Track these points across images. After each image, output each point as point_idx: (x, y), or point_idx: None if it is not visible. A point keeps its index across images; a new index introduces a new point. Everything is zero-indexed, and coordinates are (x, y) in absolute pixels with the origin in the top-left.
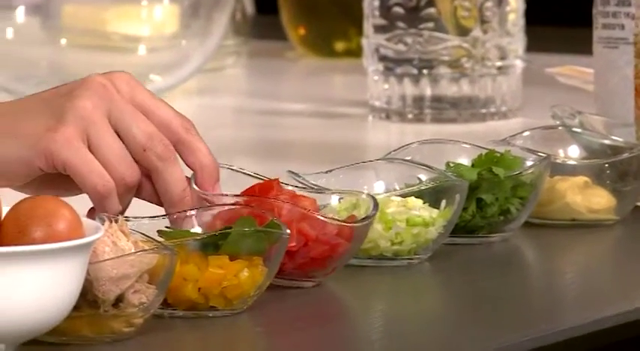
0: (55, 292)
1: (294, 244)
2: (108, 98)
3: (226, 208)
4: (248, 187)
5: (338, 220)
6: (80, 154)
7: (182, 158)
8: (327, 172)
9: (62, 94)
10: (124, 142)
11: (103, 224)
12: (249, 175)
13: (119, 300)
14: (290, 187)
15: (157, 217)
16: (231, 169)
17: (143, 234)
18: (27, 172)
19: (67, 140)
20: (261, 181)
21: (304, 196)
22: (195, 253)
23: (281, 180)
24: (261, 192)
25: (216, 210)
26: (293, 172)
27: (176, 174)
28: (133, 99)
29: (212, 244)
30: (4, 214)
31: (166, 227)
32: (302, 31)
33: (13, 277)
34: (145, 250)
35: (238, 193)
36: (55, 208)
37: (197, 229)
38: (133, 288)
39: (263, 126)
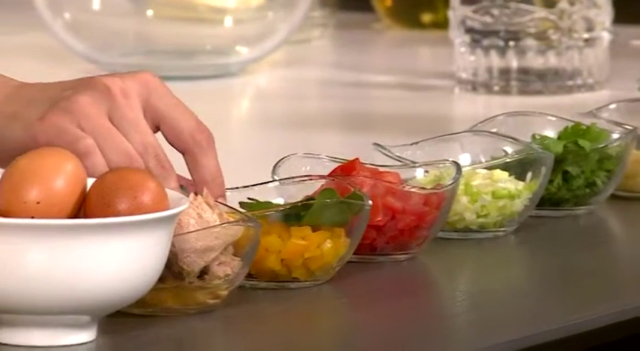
0: (139, 264)
1: (380, 218)
2: (110, 100)
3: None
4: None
5: (422, 188)
6: (65, 138)
7: (188, 170)
8: (412, 145)
9: (66, 88)
10: None
11: (187, 196)
12: (331, 158)
13: (204, 272)
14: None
15: (240, 188)
16: (312, 156)
17: (227, 206)
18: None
19: (51, 125)
20: (342, 163)
21: (387, 172)
22: (277, 224)
23: (366, 153)
24: (344, 173)
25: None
26: (379, 145)
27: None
28: (147, 101)
29: (294, 215)
30: (89, 187)
31: (249, 199)
32: (389, 3)
33: (98, 249)
34: (230, 222)
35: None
36: (140, 180)
37: (279, 201)
38: (217, 260)
39: (349, 98)
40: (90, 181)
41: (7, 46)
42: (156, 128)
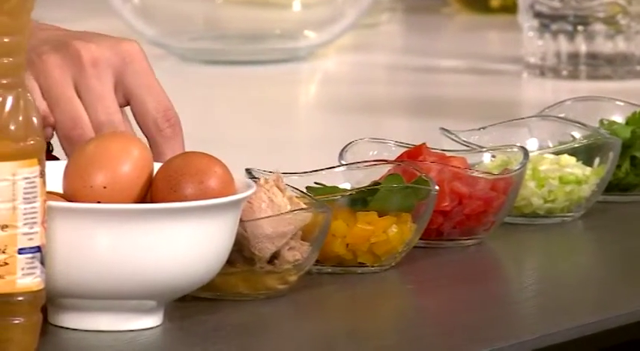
0: (206, 249)
1: (447, 203)
2: (78, 67)
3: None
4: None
5: (489, 173)
6: None
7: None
8: (479, 129)
9: (68, 37)
10: None
11: (258, 180)
12: (398, 143)
13: (274, 257)
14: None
15: (307, 172)
16: (379, 141)
17: (297, 189)
18: None
19: None
20: (409, 148)
21: (454, 157)
22: (343, 209)
23: (433, 137)
24: (410, 158)
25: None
26: (446, 129)
27: None
28: (121, 75)
29: (361, 200)
30: (156, 171)
31: (315, 183)
32: None
33: (164, 234)
34: (302, 209)
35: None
36: (206, 164)
37: (346, 185)
38: (288, 245)
39: (417, 83)
40: (157, 166)
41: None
42: (127, 103)
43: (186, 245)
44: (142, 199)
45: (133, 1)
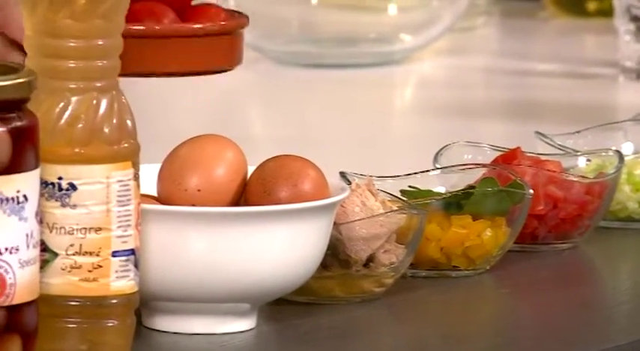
0: (300, 252)
1: (541, 207)
2: None
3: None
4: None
5: (584, 177)
6: None
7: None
8: (575, 133)
9: None
10: None
11: (349, 184)
12: (492, 147)
13: (370, 260)
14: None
15: (402, 176)
16: (474, 145)
17: (389, 193)
18: None
19: None
20: (503, 152)
21: (548, 161)
22: (438, 212)
23: (528, 141)
24: (505, 161)
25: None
26: (541, 133)
27: None
28: None
29: (455, 204)
30: (249, 174)
31: (410, 187)
32: None
33: (258, 237)
34: (396, 211)
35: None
36: (300, 167)
37: (440, 189)
38: (383, 248)
39: (512, 86)
40: (251, 170)
41: None
42: None
43: (280, 248)
44: (236, 202)
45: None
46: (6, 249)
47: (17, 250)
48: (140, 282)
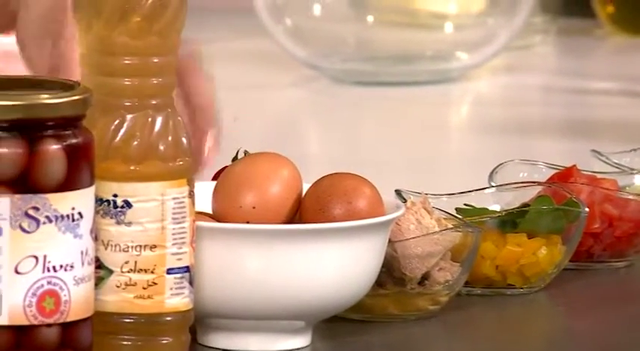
0: (354, 269)
1: (597, 225)
2: None
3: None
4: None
5: None
6: None
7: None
8: (631, 151)
9: None
10: None
11: (404, 202)
12: (548, 165)
13: (425, 278)
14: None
15: (457, 194)
16: (529, 163)
17: (443, 211)
18: None
19: None
20: (559, 170)
21: (604, 179)
22: (492, 230)
23: (584, 159)
24: (560, 180)
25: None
26: (597, 151)
27: None
28: None
29: (510, 222)
30: (305, 192)
31: (465, 205)
32: (611, 9)
33: (313, 254)
34: (451, 228)
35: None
36: (355, 185)
37: (495, 207)
38: (438, 266)
39: (569, 104)
40: (306, 187)
41: (230, 51)
42: None
43: (334, 266)
44: (291, 219)
45: (286, 23)
46: (61, 266)
47: (72, 267)
48: (195, 299)
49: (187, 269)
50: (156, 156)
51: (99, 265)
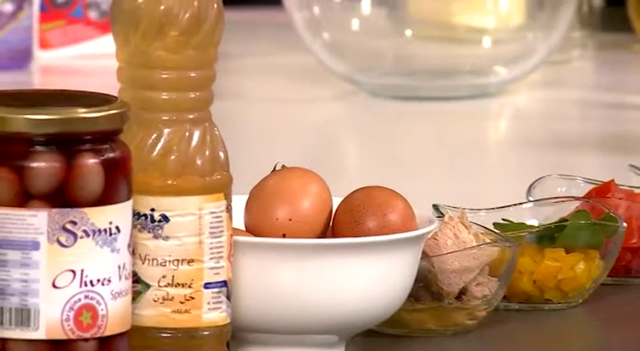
0: (388, 283)
1: (635, 240)
2: None
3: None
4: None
5: None
6: None
7: None
8: None
9: None
10: None
11: (442, 217)
12: (586, 180)
13: (462, 292)
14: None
15: (495, 208)
16: (567, 178)
17: (482, 226)
18: None
19: None
20: (597, 185)
21: None
22: (530, 245)
23: (622, 174)
24: (598, 194)
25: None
26: (635, 166)
27: None
28: None
29: (548, 237)
30: (335, 206)
31: (503, 219)
32: None
33: (347, 268)
34: (489, 243)
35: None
36: (388, 198)
37: (533, 222)
38: (475, 280)
39: (607, 119)
40: (336, 201)
41: (268, 66)
42: None
43: (369, 279)
44: (323, 234)
45: (324, 37)
46: (98, 280)
47: (109, 281)
48: (232, 313)
49: (225, 283)
50: (193, 170)
51: (136, 279)
